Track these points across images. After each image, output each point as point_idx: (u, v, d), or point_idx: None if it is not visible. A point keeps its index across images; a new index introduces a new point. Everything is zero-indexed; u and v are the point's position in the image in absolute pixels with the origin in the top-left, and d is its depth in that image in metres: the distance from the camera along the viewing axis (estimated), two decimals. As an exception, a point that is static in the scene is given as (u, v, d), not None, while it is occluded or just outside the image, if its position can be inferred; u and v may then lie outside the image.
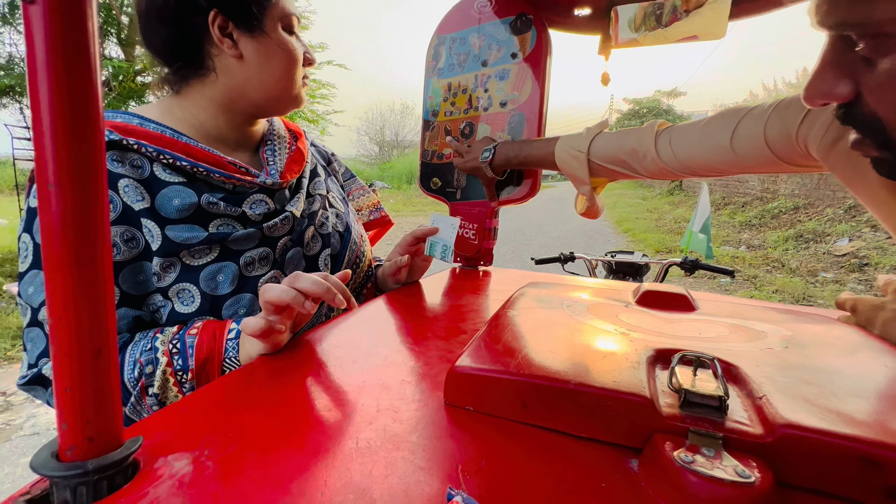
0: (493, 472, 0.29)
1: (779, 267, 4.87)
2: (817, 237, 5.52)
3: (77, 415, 0.26)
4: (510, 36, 0.86)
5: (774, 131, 0.54)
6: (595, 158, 0.72)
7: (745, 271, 4.72)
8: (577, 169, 0.74)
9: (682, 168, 0.65)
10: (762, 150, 0.56)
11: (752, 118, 0.57)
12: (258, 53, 0.59)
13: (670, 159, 0.65)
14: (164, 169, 0.55)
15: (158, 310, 0.54)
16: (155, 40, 0.59)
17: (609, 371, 0.35)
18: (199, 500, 0.26)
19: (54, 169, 0.24)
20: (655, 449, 0.29)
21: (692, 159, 0.63)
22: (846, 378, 0.35)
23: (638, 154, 0.68)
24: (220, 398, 0.38)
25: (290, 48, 0.61)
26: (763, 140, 0.56)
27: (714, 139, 0.60)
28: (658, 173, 0.68)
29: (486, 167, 0.84)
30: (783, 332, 0.45)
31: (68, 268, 0.25)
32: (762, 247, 5.69)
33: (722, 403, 0.31)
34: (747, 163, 0.59)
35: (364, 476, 0.28)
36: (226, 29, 0.57)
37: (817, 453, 0.27)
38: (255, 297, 0.58)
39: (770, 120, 0.55)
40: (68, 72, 0.24)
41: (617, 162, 0.71)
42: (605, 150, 0.71)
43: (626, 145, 0.69)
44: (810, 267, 4.72)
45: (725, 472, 0.26)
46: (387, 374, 0.43)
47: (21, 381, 0.51)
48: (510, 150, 0.82)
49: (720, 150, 0.60)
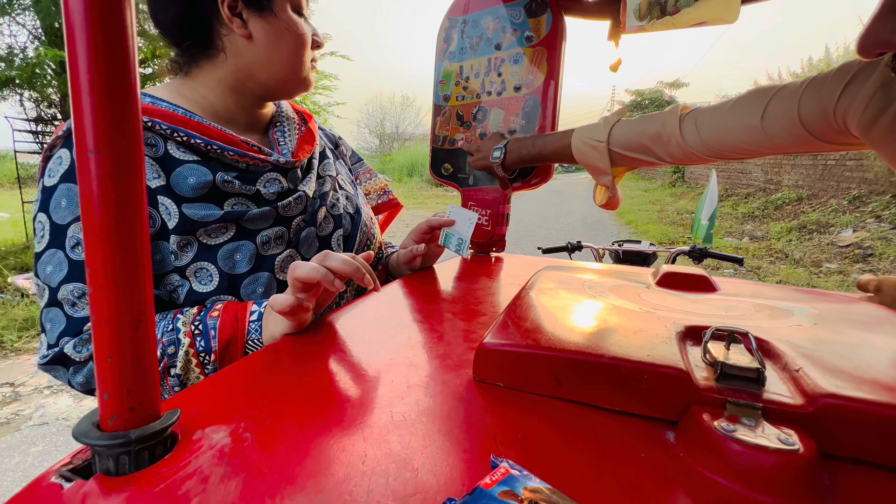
0: (531, 444, 0.29)
1: (782, 258, 4.86)
2: (821, 228, 5.50)
3: (118, 384, 0.26)
4: (524, 19, 0.85)
5: (809, 108, 0.52)
6: (615, 147, 0.70)
7: (748, 262, 4.72)
8: (597, 159, 0.72)
9: (709, 151, 0.63)
10: (795, 129, 0.54)
11: (783, 96, 0.55)
12: (267, 34, 0.58)
13: (696, 143, 0.63)
14: (177, 147, 0.55)
15: (176, 289, 0.54)
16: (164, 18, 0.58)
17: (641, 346, 0.34)
18: (242, 469, 0.26)
19: (94, 135, 0.24)
20: (693, 420, 0.29)
21: (720, 141, 0.61)
22: (881, 352, 0.34)
23: (662, 139, 0.65)
24: (250, 375, 0.38)
25: (300, 29, 0.61)
26: (797, 117, 0.53)
27: (743, 119, 0.58)
28: (683, 158, 0.66)
29: (497, 167, 0.82)
30: (809, 311, 0.45)
31: (108, 236, 0.24)
32: (765, 238, 5.68)
33: (759, 375, 0.31)
34: (779, 142, 0.56)
35: (403, 447, 0.28)
36: (235, 8, 0.57)
37: (860, 422, 0.27)
38: (272, 275, 0.58)
39: (804, 97, 0.52)
40: (105, 36, 0.23)
41: (639, 149, 0.68)
42: (627, 137, 0.69)
43: (648, 130, 0.67)
44: (814, 258, 4.72)
45: (769, 440, 0.26)
46: (412, 352, 0.43)
47: (42, 360, 0.51)
48: (522, 148, 0.80)
49: (750, 131, 0.57)
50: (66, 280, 0.50)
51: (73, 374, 0.51)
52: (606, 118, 0.73)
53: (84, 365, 0.51)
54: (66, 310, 0.51)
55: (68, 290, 0.50)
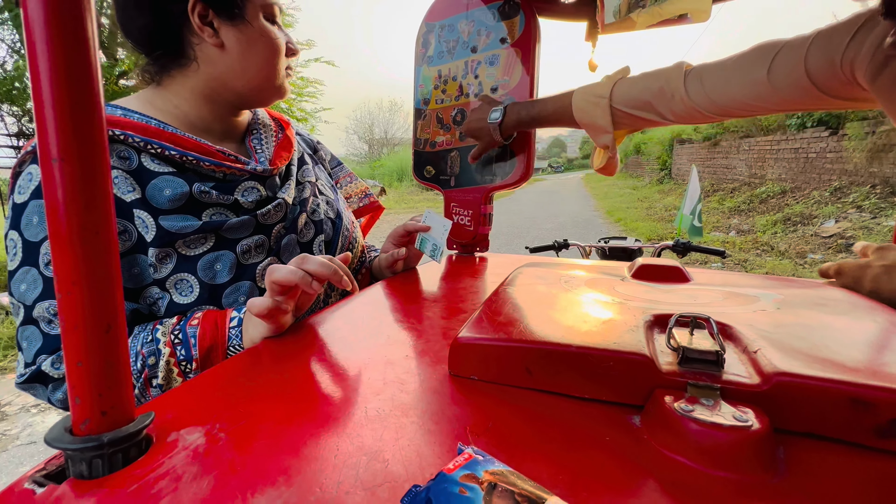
0: (501, 432, 0.30)
1: (768, 250, 4.94)
2: (804, 220, 5.61)
3: (89, 388, 0.26)
4: (498, 21, 0.86)
5: (816, 60, 0.51)
6: (618, 104, 0.67)
7: (735, 255, 4.79)
8: (598, 117, 0.69)
9: (714, 108, 0.61)
10: (802, 82, 0.52)
11: (790, 49, 0.53)
12: (239, 42, 0.58)
13: (701, 99, 0.61)
14: (152, 159, 0.55)
15: (156, 302, 0.54)
16: (133, 28, 0.58)
17: (609, 335, 0.36)
18: (215, 467, 0.27)
19: (57, 142, 0.24)
20: (656, 403, 0.30)
21: (725, 97, 0.59)
22: (836, 332, 0.36)
23: (665, 94, 0.63)
24: (227, 378, 0.39)
25: (272, 37, 0.61)
26: (803, 71, 0.52)
27: (750, 74, 0.56)
28: (686, 116, 0.64)
29: (494, 130, 0.79)
30: (775, 297, 0.46)
31: (75, 242, 0.25)
32: (751, 231, 5.77)
33: (719, 357, 0.32)
34: (784, 96, 0.55)
35: (375, 440, 0.29)
36: (206, 17, 0.56)
37: (811, 398, 0.28)
38: (253, 284, 0.58)
39: (811, 48, 0.51)
40: (66, 45, 0.24)
41: (642, 105, 0.66)
42: (630, 93, 0.67)
43: (652, 86, 0.64)
44: (798, 249, 4.80)
45: (724, 418, 0.27)
46: (390, 351, 0.44)
47: (20, 379, 0.51)
48: (521, 110, 0.77)
49: (756, 85, 0.56)
50: (40, 298, 0.50)
51: (51, 392, 0.51)
52: (609, 75, 0.71)
53: (62, 381, 0.50)
54: (42, 327, 0.50)
55: (43, 307, 0.50)
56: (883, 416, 0.27)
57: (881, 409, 0.27)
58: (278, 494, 0.24)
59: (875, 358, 0.31)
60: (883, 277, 0.46)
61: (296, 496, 0.24)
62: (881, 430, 0.27)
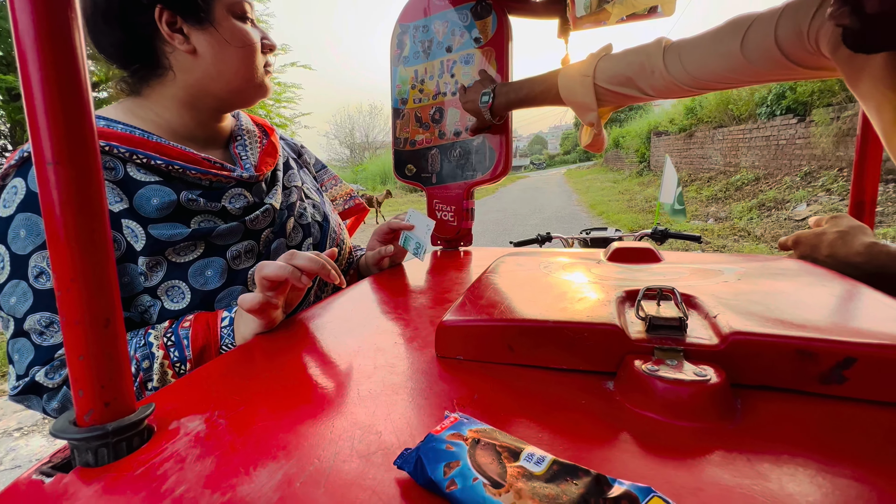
0: (486, 402, 0.32)
1: (745, 236, 5.09)
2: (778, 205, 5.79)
3: (91, 381, 0.27)
4: (472, 21, 0.89)
5: (786, 31, 0.53)
6: (601, 81, 0.69)
7: (714, 242, 4.92)
8: (583, 95, 0.71)
9: (692, 81, 0.63)
10: (773, 54, 0.54)
11: (761, 22, 0.55)
12: (211, 46, 0.58)
13: (679, 73, 0.63)
14: (138, 169, 0.55)
15: (147, 309, 0.55)
16: (106, 44, 0.58)
17: (584, 310, 0.38)
18: (217, 448, 0.28)
19: (51, 147, 0.25)
20: (627, 367, 0.33)
21: (703, 70, 0.61)
22: (787, 296, 0.39)
23: (645, 70, 0.65)
24: (223, 372, 0.40)
25: (245, 37, 0.60)
26: (774, 42, 0.54)
27: (725, 46, 0.58)
28: (666, 90, 0.66)
29: (486, 112, 0.81)
30: (737, 270, 0.50)
31: (72, 241, 0.26)
32: (728, 218, 5.94)
33: (682, 323, 0.34)
34: (758, 67, 0.57)
35: (368, 416, 0.31)
36: (175, 24, 0.56)
37: (762, 353, 0.31)
38: (245, 288, 0.59)
39: (780, 20, 0.53)
40: (56, 54, 0.25)
41: (624, 81, 0.68)
42: (612, 70, 0.68)
43: (633, 63, 0.66)
44: (773, 233, 4.96)
45: (686, 375, 0.30)
46: (380, 338, 0.46)
47: (13, 391, 0.51)
48: (510, 91, 0.79)
49: (731, 58, 0.58)
50: (31, 310, 0.50)
51: (47, 402, 0.51)
52: (593, 53, 0.73)
53: (58, 391, 0.51)
54: (34, 339, 0.51)
55: (35, 319, 0.50)
56: (825, 364, 0.30)
57: (823, 358, 0.30)
58: (279, 466, 0.26)
59: (819, 315, 0.34)
60: (838, 242, 0.50)
61: (295, 467, 0.26)
62: (823, 376, 0.30)
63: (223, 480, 0.25)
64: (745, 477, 0.24)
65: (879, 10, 0.35)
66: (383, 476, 0.25)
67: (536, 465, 0.21)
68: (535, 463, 0.21)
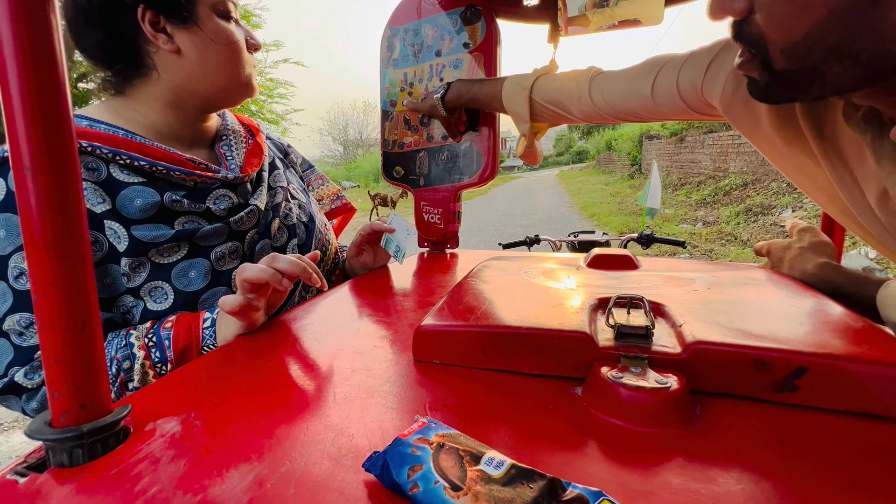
0: (458, 406, 0.33)
1: (732, 240, 5.18)
2: (764, 210, 5.89)
3: (67, 383, 0.28)
4: (461, 26, 0.90)
5: (685, 81, 0.57)
6: (537, 97, 0.75)
7: (701, 246, 5.00)
8: (519, 105, 0.76)
9: (611, 112, 0.68)
10: (676, 99, 0.59)
11: (669, 68, 0.60)
12: (195, 45, 0.58)
13: (601, 103, 0.68)
14: (121, 170, 0.55)
15: (130, 310, 0.55)
16: (88, 45, 0.57)
17: (557, 317, 0.39)
18: (192, 450, 0.29)
19: (29, 153, 0.26)
20: (594, 374, 0.34)
21: (621, 104, 0.67)
22: (751, 306, 0.41)
23: (573, 95, 0.71)
24: (202, 373, 0.40)
25: (229, 36, 0.60)
26: (676, 91, 0.59)
27: (638, 87, 0.64)
28: (590, 116, 0.71)
29: (438, 102, 0.85)
30: (709, 279, 0.51)
31: (50, 245, 0.27)
32: (716, 222, 6.03)
33: (648, 332, 0.36)
34: (665, 111, 0.62)
35: (342, 419, 0.32)
36: (158, 24, 0.56)
37: (721, 361, 0.33)
38: (228, 290, 0.59)
39: (682, 71, 0.58)
40: (35, 60, 0.25)
41: (555, 102, 0.74)
42: (547, 89, 0.74)
43: (564, 86, 0.72)
44: (760, 238, 5.05)
45: (648, 383, 0.31)
46: (360, 342, 0.46)
47: None
48: (462, 86, 0.84)
49: (642, 98, 0.63)
50: (11, 311, 0.50)
51: (26, 402, 0.51)
52: (537, 69, 0.78)
53: (37, 391, 0.51)
54: (13, 340, 0.50)
55: (14, 320, 0.50)
56: (779, 373, 0.31)
57: (777, 368, 0.31)
58: (251, 468, 0.27)
59: (778, 326, 0.36)
60: (797, 259, 0.52)
61: (267, 469, 0.27)
62: (777, 385, 0.31)
63: (196, 481, 0.26)
64: (695, 481, 0.25)
65: (786, 68, 0.38)
66: (352, 478, 0.26)
67: (495, 469, 0.22)
68: (495, 467, 0.22)
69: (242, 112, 4.75)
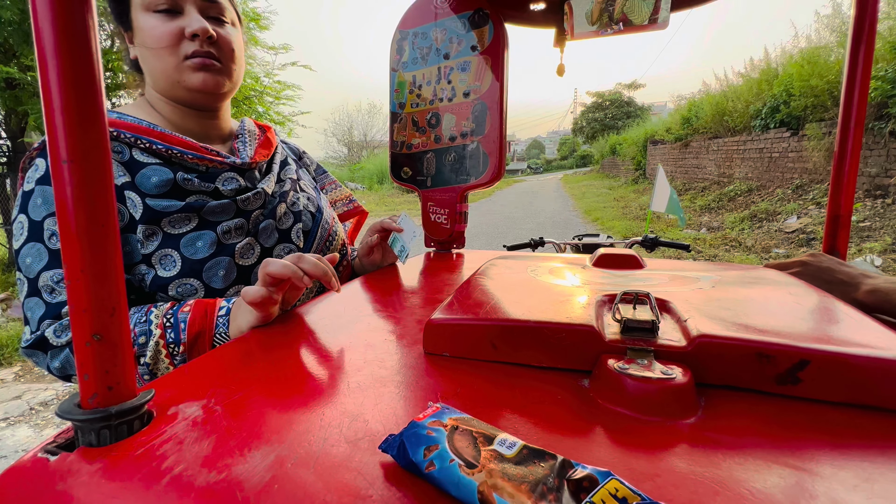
0: (468, 396, 0.34)
1: (736, 246, 5.16)
2: (769, 216, 5.87)
3: (97, 366, 0.29)
4: (469, 30, 0.91)
5: None
6: None
7: (706, 251, 4.98)
8: None
9: None
10: None
11: None
12: (139, 46, 0.63)
13: None
14: (142, 153, 0.60)
15: (143, 277, 0.58)
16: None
17: (565, 312, 0.40)
18: (214, 432, 0.30)
19: (66, 146, 0.27)
20: (601, 366, 0.35)
21: None
22: (755, 303, 0.42)
23: None
24: (220, 362, 0.42)
25: (154, 33, 0.58)
26: None
27: None
28: None
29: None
30: (713, 278, 0.52)
31: (83, 233, 0.28)
32: (721, 228, 6.01)
33: (654, 326, 0.37)
34: None
35: (357, 406, 0.33)
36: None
37: (725, 354, 0.34)
38: (231, 260, 0.62)
39: None
40: (74, 59, 0.27)
41: None
42: None
43: None
44: (764, 244, 5.03)
45: (653, 374, 0.32)
46: (371, 335, 0.47)
47: (25, 344, 0.55)
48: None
49: None
50: (45, 268, 0.55)
51: (51, 360, 0.55)
52: None
53: (61, 350, 0.54)
54: (44, 297, 0.55)
55: (47, 276, 0.54)
56: (782, 366, 0.32)
57: (780, 361, 0.32)
58: (272, 449, 0.28)
59: (780, 321, 0.37)
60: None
61: (287, 450, 0.28)
62: (780, 377, 0.32)
63: (219, 460, 0.27)
64: (699, 465, 0.26)
65: None
66: (369, 459, 0.27)
67: (508, 449, 0.23)
68: (507, 447, 0.23)
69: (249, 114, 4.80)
